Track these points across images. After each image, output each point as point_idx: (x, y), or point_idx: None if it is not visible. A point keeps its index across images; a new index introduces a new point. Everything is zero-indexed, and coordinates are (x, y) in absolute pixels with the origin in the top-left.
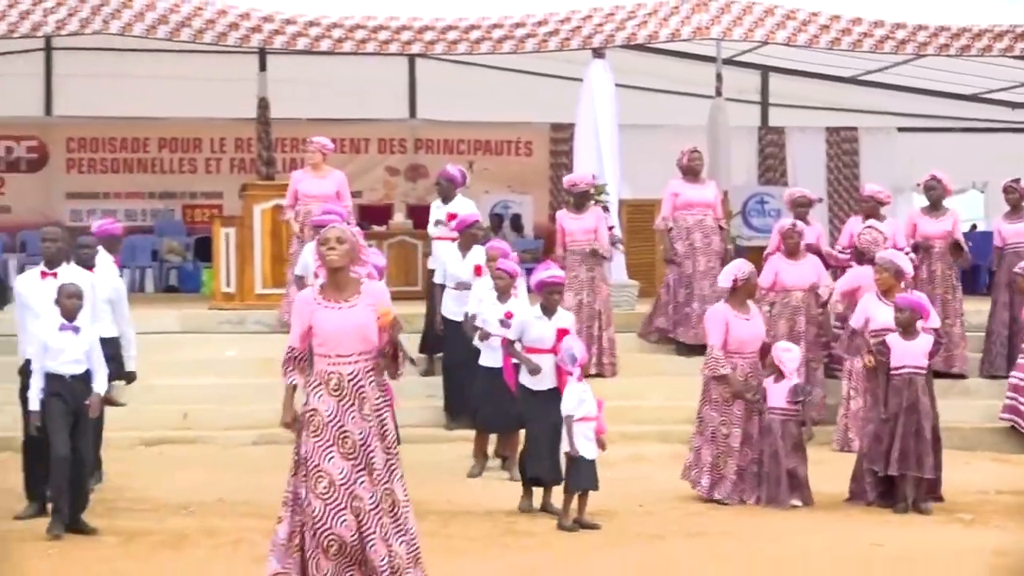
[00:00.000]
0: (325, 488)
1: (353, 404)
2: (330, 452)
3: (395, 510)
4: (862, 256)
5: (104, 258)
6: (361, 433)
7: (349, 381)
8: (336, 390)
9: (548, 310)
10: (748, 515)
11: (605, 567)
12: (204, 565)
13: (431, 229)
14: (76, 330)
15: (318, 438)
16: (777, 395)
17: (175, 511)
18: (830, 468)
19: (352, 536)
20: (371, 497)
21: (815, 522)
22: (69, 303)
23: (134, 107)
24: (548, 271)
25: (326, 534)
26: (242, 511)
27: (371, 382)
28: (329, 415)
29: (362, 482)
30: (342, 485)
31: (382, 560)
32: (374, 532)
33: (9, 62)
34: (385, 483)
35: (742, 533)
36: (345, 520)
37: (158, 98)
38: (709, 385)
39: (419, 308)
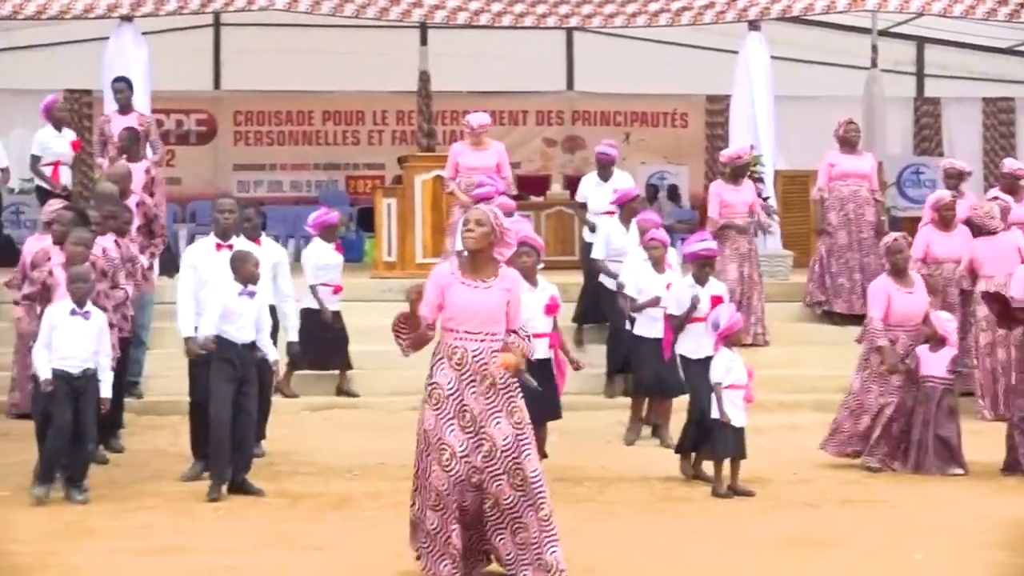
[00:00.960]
0: (448, 459)
1: (474, 379)
2: (451, 424)
3: (525, 486)
4: (978, 229)
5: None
6: (480, 409)
7: (473, 357)
8: (459, 364)
9: (701, 280)
10: (901, 483)
11: (760, 533)
12: (367, 526)
13: (590, 203)
14: (252, 295)
15: (439, 410)
16: (936, 364)
17: (339, 474)
18: (985, 438)
19: (475, 505)
20: (491, 470)
21: (969, 491)
22: (254, 270)
23: (299, 81)
24: (702, 242)
25: (453, 505)
26: (404, 474)
27: (495, 360)
28: (450, 388)
29: (482, 456)
30: (463, 457)
31: (501, 536)
32: (497, 502)
33: (180, 38)
34: (513, 458)
35: (896, 501)
36: (468, 490)
37: (322, 72)
38: (866, 355)
39: (576, 278)
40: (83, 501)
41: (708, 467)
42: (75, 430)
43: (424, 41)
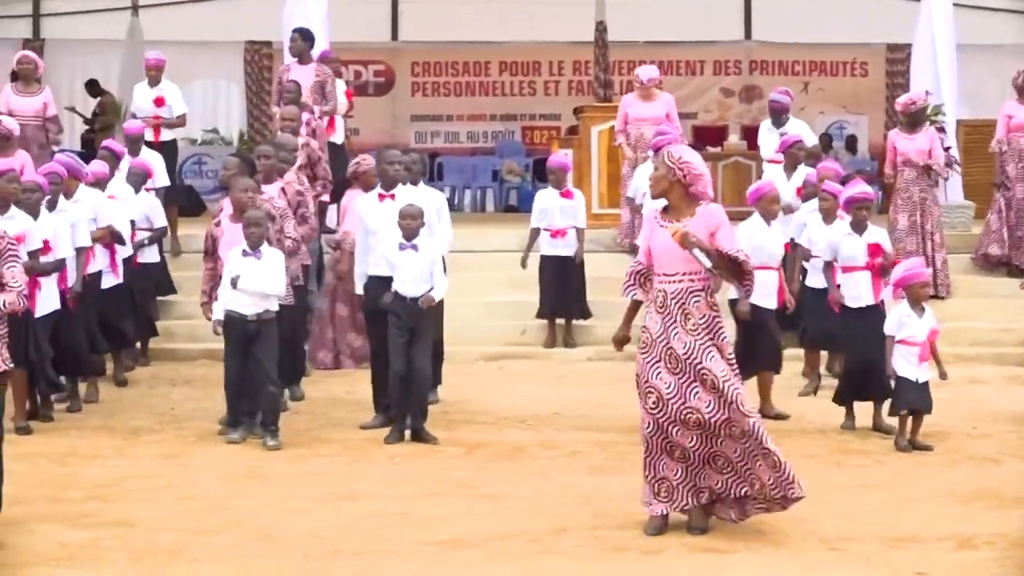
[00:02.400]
0: (654, 403)
1: (676, 321)
2: (657, 368)
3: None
4: None
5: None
6: (686, 348)
7: (672, 299)
8: (661, 308)
9: (858, 226)
10: None
11: (939, 488)
12: (541, 476)
13: (762, 150)
14: (415, 248)
15: (647, 355)
16: None
17: (513, 424)
18: None
19: (692, 444)
20: (708, 407)
21: None
22: (413, 224)
23: (476, 32)
24: (857, 187)
25: (664, 444)
26: (578, 424)
27: (695, 301)
28: (657, 332)
29: (696, 394)
30: (670, 399)
31: (724, 469)
32: (716, 437)
33: None
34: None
35: None
36: (679, 430)
37: (499, 22)
38: None
39: None
40: (275, 447)
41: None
42: (254, 373)
43: None
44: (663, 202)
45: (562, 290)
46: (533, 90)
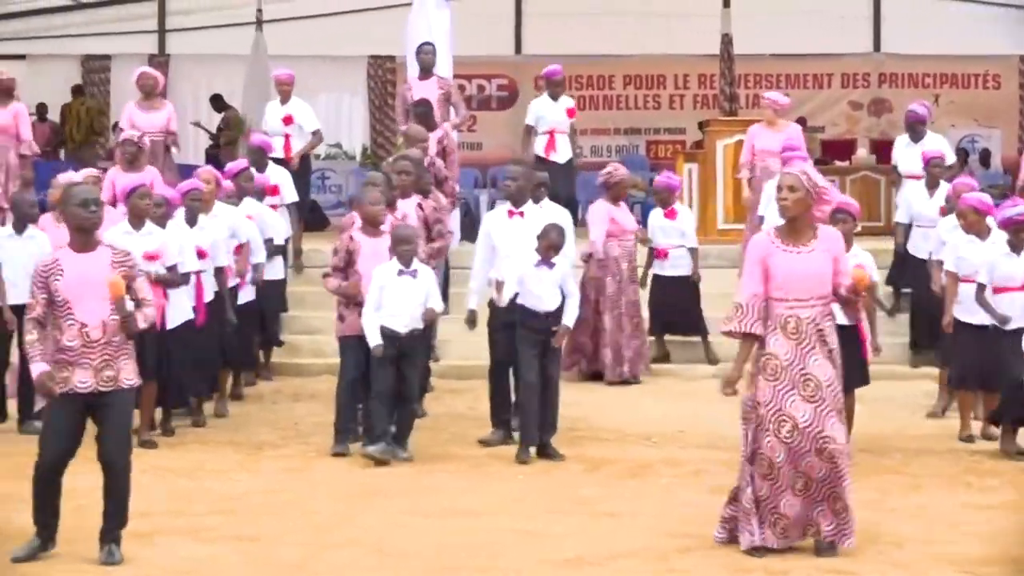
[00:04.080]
0: (788, 432)
1: (813, 347)
2: (791, 396)
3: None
4: None
5: None
6: (826, 375)
7: (808, 324)
8: (794, 333)
9: (1016, 247)
10: None
11: None
12: (665, 494)
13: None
14: (551, 266)
15: (777, 382)
16: None
17: (637, 441)
18: None
19: (820, 473)
20: (841, 438)
21: None
22: (557, 240)
23: (600, 45)
24: (1016, 208)
25: (788, 474)
26: (702, 442)
27: (829, 324)
28: (787, 358)
29: (832, 423)
30: (806, 428)
31: (840, 505)
32: (841, 470)
33: (481, 3)
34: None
35: None
36: (810, 461)
37: (623, 36)
38: None
39: (882, 244)
40: (407, 459)
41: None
42: (399, 389)
43: (727, 3)
44: (775, 223)
45: (669, 309)
46: (658, 104)
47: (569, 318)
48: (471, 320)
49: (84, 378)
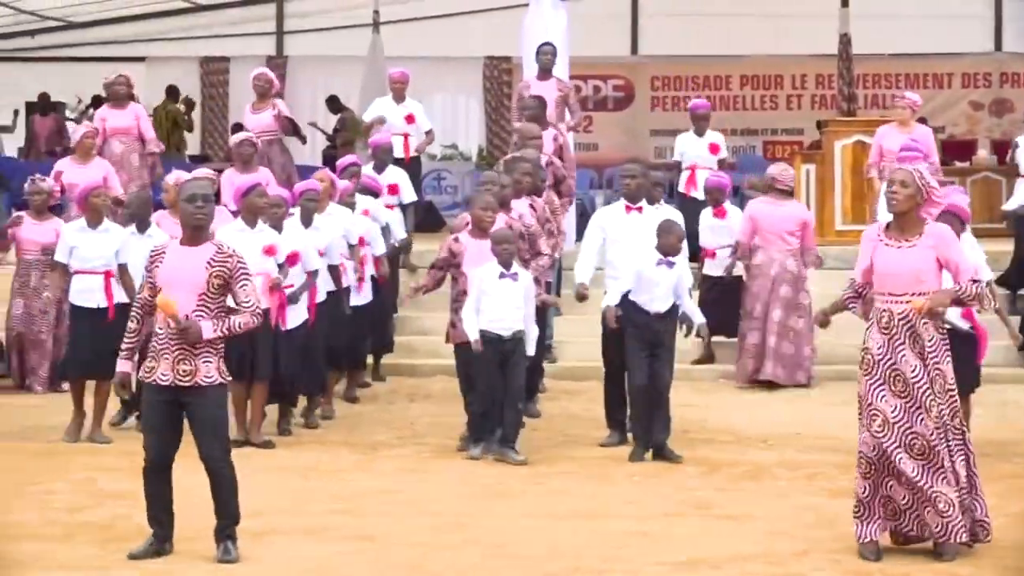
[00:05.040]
0: (879, 427)
1: (903, 342)
2: (882, 390)
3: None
4: None
5: None
6: (915, 372)
7: (899, 320)
8: (886, 328)
9: None
10: None
11: None
12: (782, 497)
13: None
14: (671, 265)
15: (870, 376)
16: None
17: (754, 443)
18: None
19: (914, 473)
20: (932, 435)
21: None
22: (675, 243)
23: (717, 45)
24: None
25: (884, 470)
26: (820, 445)
27: (924, 322)
28: (879, 353)
29: (921, 419)
30: (895, 423)
31: (943, 503)
32: (938, 467)
33: (598, 4)
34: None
35: None
36: (902, 457)
37: (740, 36)
38: None
39: (1002, 246)
40: (522, 462)
41: None
42: (504, 392)
43: (845, 2)
44: (886, 218)
45: (717, 310)
46: (775, 104)
47: (698, 316)
48: (580, 295)
49: (165, 371)
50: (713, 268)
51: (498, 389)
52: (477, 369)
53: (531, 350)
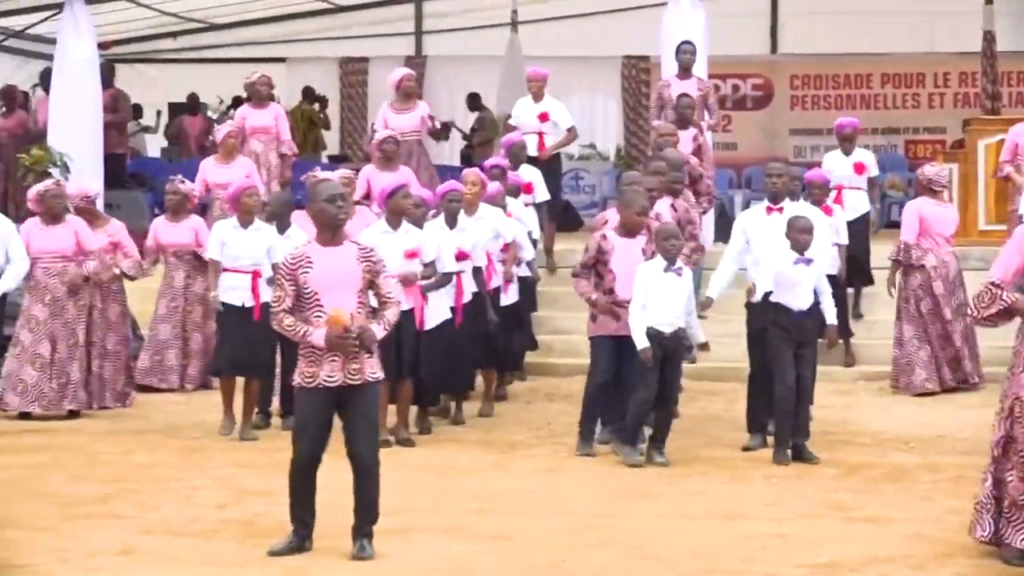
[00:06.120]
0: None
1: None
2: None
3: None
4: None
5: None
6: None
7: None
8: None
9: None
10: None
11: None
12: (924, 500)
13: None
14: (808, 262)
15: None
16: None
17: (896, 446)
18: None
19: None
20: None
21: None
22: (801, 238)
23: (857, 43)
24: None
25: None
26: (963, 448)
27: None
28: None
29: None
30: None
31: None
32: None
33: (737, 2)
34: None
35: None
36: None
37: (881, 34)
38: None
39: None
40: (663, 464)
41: None
42: (660, 391)
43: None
44: None
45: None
46: (917, 103)
47: (831, 316)
48: (704, 305)
49: (331, 372)
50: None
51: (656, 388)
52: (638, 368)
53: (701, 337)
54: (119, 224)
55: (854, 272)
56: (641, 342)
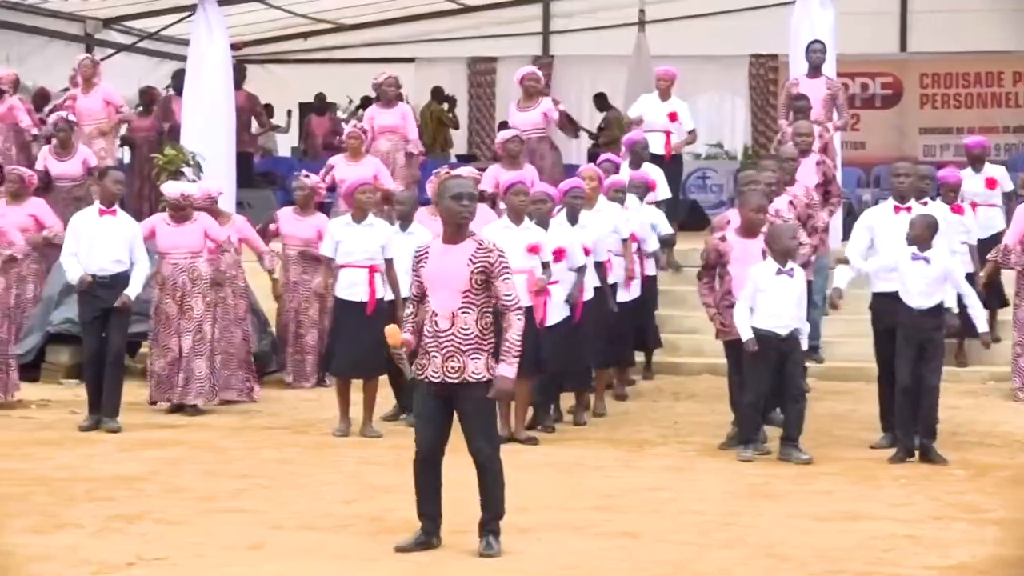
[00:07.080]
0: None
1: None
2: None
3: None
4: None
5: None
6: None
7: None
8: None
9: None
10: None
11: None
12: None
13: None
14: (927, 260)
15: None
16: None
17: None
18: None
19: None
20: None
21: None
22: (920, 233)
23: (988, 41)
24: None
25: None
26: None
27: None
28: None
29: None
30: None
31: None
32: None
33: (866, 1)
34: None
35: None
36: None
37: (1013, 31)
38: None
39: None
40: (807, 461)
41: None
42: (785, 389)
43: None
44: None
45: None
46: None
47: (981, 324)
48: (833, 303)
49: (435, 368)
50: None
51: (771, 389)
52: (751, 368)
53: (805, 343)
54: (242, 219)
55: (988, 293)
56: (745, 333)
